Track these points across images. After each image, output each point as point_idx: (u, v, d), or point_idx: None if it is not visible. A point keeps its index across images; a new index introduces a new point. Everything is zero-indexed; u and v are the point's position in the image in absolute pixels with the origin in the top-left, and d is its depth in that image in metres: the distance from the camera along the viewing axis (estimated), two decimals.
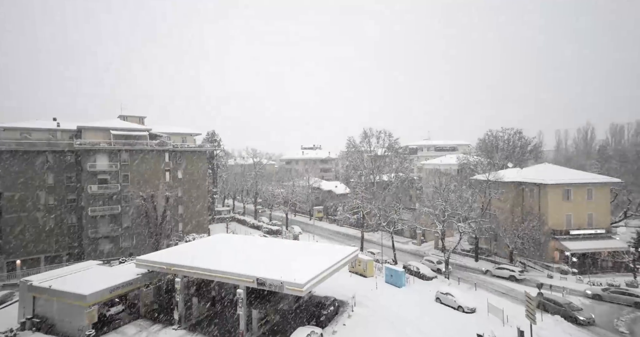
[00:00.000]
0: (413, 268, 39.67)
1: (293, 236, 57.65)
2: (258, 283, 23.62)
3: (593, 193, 43.49)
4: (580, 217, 42.94)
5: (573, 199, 43.07)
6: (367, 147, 60.29)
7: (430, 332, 25.63)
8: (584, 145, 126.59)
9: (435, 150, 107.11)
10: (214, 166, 76.43)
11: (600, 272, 40.55)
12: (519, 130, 65.82)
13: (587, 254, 41.70)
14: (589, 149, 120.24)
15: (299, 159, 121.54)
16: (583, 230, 42.55)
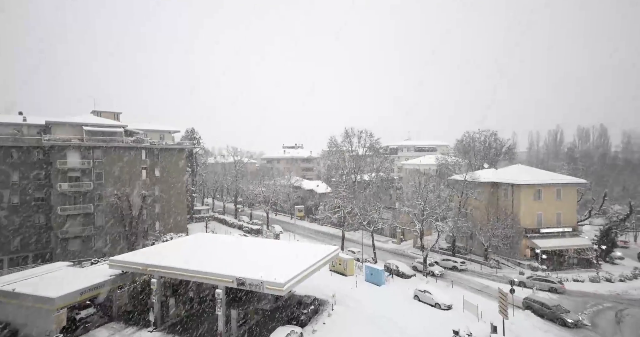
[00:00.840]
0: (393, 267, 40.28)
1: (274, 235, 57.28)
2: (238, 283, 23.30)
3: (561, 193, 45.66)
4: (549, 216, 44.97)
5: (543, 198, 45.05)
6: (349, 147, 60.72)
7: (408, 329, 26.10)
8: (554, 147, 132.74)
9: (415, 151, 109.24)
10: (193, 164, 74.75)
11: (567, 268, 42.61)
12: (494, 132, 68.17)
13: (556, 251, 43.75)
14: (558, 150, 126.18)
15: (281, 158, 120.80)
16: (552, 228, 44.61)
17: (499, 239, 42.72)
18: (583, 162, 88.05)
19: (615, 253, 46.95)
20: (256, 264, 26.02)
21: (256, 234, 58.80)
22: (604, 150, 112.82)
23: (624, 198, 60.17)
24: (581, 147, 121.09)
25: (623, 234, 54.12)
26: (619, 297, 34.53)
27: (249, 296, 30.63)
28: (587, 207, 54.62)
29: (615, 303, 32.88)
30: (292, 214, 78.31)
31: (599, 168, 77.29)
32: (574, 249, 44.12)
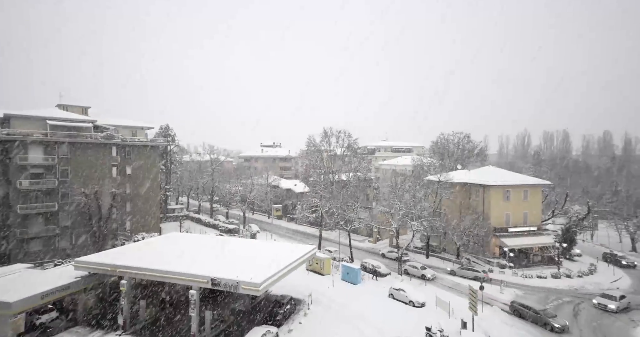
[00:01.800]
0: (369, 265, 40.88)
1: (250, 235, 56.60)
2: (213, 284, 22.87)
3: (528, 194, 48.05)
4: (517, 215, 47.21)
5: (511, 199, 47.22)
6: (327, 147, 60.96)
7: (383, 326, 26.59)
8: (522, 150, 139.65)
9: (392, 151, 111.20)
10: (168, 162, 72.45)
11: (532, 265, 44.91)
12: (467, 135, 70.60)
13: (522, 249, 46.00)
14: (525, 153, 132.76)
15: (258, 156, 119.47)
16: (519, 227, 46.84)
17: (470, 238, 44.36)
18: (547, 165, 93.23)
19: (575, 250, 49.99)
20: (232, 264, 25.63)
21: (232, 234, 57.84)
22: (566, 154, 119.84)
23: (583, 199, 64.13)
24: (546, 150, 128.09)
25: (581, 232, 57.70)
26: (576, 292, 36.85)
27: (224, 297, 30.13)
28: (550, 207, 57.81)
29: (573, 297, 35.07)
30: (269, 214, 77.66)
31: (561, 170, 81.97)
32: (538, 247, 46.56)
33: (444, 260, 46.90)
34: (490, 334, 26.31)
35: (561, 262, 44.56)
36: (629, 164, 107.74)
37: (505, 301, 33.06)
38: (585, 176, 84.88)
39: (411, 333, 25.42)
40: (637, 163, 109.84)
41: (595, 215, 62.89)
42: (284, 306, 27.74)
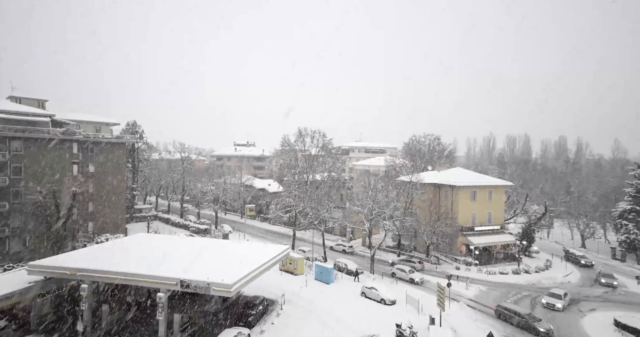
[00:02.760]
0: (342, 265, 41.28)
1: (222, 235, 55.42)
2: (182, 286, 22.16)
3: (493, 194, 50.57)
4: (482, 215, 49.54)
5: (478, 199, 49.49)
6: (302, 146, 60.86)
7: (355, 325, 26.97)
8: (487, 152, 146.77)
9: (365, 152, 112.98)
10: (135, 160, 69.27)
11: (495, 262, 47.31)
12: (437, 137, 73.15)
13: (486, 247, 48.33)
14: (490, 155, 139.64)
15: (232, 155, 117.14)
16: (484, 226, 49.19)
17: (439, 237, 46.00)
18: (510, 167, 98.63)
19: (533, 247, 53.24)
20: (203, 265, 24.96)
21: (204, 234, 56.33)
22: (526, 157, 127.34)
23: (541, 199, 68.47)
24: (509, 153, 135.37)
25: (539, 230, 61.59)
26: (534, 286, 39.32)
27: (195, 299, 29.29)
28: (512, 207, 61.23)
29: (531, 292, 37.36)
30: (242, 214, 76.36)
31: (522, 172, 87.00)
32: (501, 245, 49.14)
33: (415, 259, 48.26)
34: (456, 328, 27.43)
35: (521, 259, 47.27)
36: (581, 167, 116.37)
37: (471, 297, 34.63)
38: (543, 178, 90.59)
39: (382, 330, 25.95)
40: (587, 166, 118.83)
41: (551, 214, 67.39)
42: (257, 306, 27.42)
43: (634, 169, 58.09)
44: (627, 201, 56.62)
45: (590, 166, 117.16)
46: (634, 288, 40.70)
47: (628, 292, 39.48)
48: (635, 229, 53.45)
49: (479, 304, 33.29)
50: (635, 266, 51.23)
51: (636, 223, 53.62)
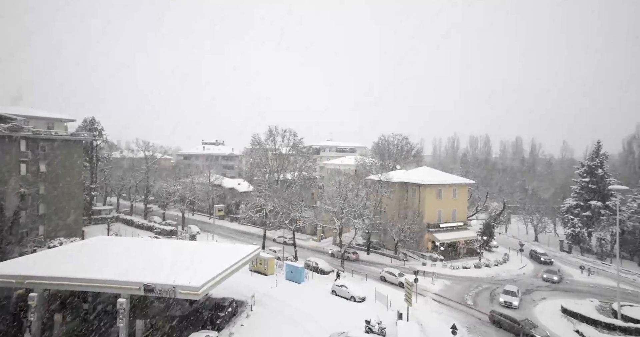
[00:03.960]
0: (312, 264, 41.43)
1: (190, 236, 53.63)
2: (146, 290, 21.20)
3: (457, 192, 53.00)
4: (447, 212, 51.78)
5: (443, 197, 51.64)
6: (272, 145, 60.36)
7: (325, 323, 27.20)
8: (452, 152, 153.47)
9: (336, 151, 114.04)
10: (93, 159, 65.12)
11: (459, 257, 49.64)
12: (405, 137, 75.34)
13: (451, 243, 50.61)
14: (455, 155, 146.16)
15: (200, 154, 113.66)
16: (449, 223, 51.45)
17: (407, 234, 47.49)
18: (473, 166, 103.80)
19: (493, 242, 56.49)
20: (168, 267, 24.04)
21: (170, 236, 54.18)
22: (487, 156, 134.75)
23: (500, 196, 72.73)
24: (472, 153, 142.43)
25: (498, 226, 65.43)
26: (493, 279, 41.77)
27: (160, 303, 28.13)
28: (474, 204, 64.53)
29: (490, 284, 39.65)
30: (211, 214, 74.29)
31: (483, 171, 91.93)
32: (464, 240, 51.66)
33: (384, 256, 49.52)
34: (422, 322, 28.52)
35: (482, 254, 49.97)
36: (535, 166, 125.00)
37: (436, 291, 36.08)
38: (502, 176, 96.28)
39: (352, 327, 26.36)
40: (540, 165, 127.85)
41: (508, 210, 71.79)
42: (225, 308, 26.85)
43: (579, 168, 63.31)
44: (573, 198, 61.61)
45: (543, 165, 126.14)
46: (578, 277, 44.51)
47: (573, 281, 43.12)
48: (579, 223, 58.34)
49: (444, 298, 34.81)
50: (579, 257, 55.98)
51: (581, 218, 58.52)
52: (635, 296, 38.03)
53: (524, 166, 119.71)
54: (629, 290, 39.90)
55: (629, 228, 53.30)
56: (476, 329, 28.21)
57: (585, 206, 58.42)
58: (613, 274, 43.68)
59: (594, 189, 58.76)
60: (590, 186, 59.05)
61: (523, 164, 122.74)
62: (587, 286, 41.33)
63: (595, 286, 41.38)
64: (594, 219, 57.29)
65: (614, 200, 53.41)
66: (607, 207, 56.76)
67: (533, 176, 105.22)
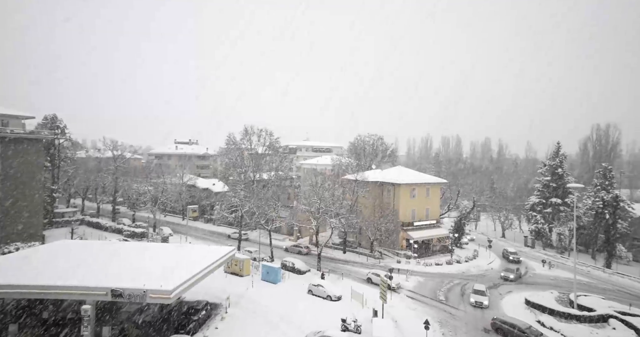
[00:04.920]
0: (289, 264, 41.28)
1: (162, 239, 51.86)
2: (113, 295, 20.29)
3: (430, 191, 54.63)
4: (421, 211, 53.26)
5: (417, 196, 53.06)
6: (248, 145, 59.54)
7: (301, 322, 27.20)
8: (425, 152, 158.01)
9: (313, 151, 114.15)
10: (55, 158, 61.42)
11: (432, 254, 51.22)
12: (381, 137, 76.63)
13: (424, 241, 52.09)
14: (428, 155, 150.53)
15: (172, 154, 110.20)
16: (422, 221, 52.95)
17: (383, 233, 48.38)
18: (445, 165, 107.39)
19: (464, 239, 58.76)
20: (138, 271, 23.14)
21: (140, 238, 52.09)
22: (458, 156, 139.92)
23: (470, 195, 75.65)
24: (444, 152, 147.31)
25: (468, 223, 68.16)
26: (464, 274, 43.46)
27: (128, 308, 27.00)
28: (446, 202, 66.79)
29: (461, 280, 41.23)
30: (184, 215, 72.18)
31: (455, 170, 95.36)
32: (437, 238, 53.36)
33: (360, 254, 50.19)
34: (396, 319, 29.19)
35: (453, 250, 51.85)
36: (502, 165, 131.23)
37: (410, 288, 37.01)
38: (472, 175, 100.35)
39: (329, 326, 26.53)
40: (507, 164, 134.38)
41: (478, 208, 74.93)
42: (199, 312, 26.22)
43: (541, 167, 67.15)
44: (536, 195, 65.27)
45: (509, 165, 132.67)
46: (540, 271, 47.30)
47: (536, 274, 45.75)
48: (542, 220, 61.89)
49: (418, 294, 35.80)
50: (542, 252, 59.42)
51: (543, 214, 62.09)
52: (590, 287, 40.94)
53: (492, 166, 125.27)
54: (584, 281, 42.88)
55: (584, 223, 57.21)
56: (448, 324, 29.24)
57: (546, 203, 62.02)
58: (571, 266, 46.63)
59: (554, 187, 62.48)
60: (551, 184, 62.75)
61: (491, 163, 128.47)
62: (548, 278, 43.96)
63: (555, 278, 44.10)
64: (554, 216, 60.96)
65: (572, 197, 57.13)
66: (566, 204, 60.59)
67: (500, 175, 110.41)
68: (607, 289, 40.60)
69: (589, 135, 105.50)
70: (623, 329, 28.55)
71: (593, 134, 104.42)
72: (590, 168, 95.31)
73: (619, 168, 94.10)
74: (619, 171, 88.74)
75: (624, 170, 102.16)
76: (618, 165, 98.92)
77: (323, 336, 23.73)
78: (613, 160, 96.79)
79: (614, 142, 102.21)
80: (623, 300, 35.50)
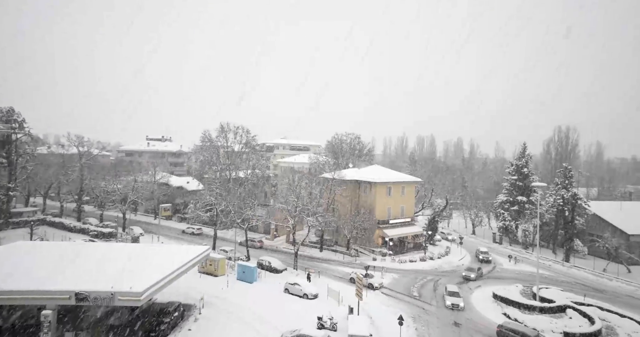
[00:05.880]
0: (265, 263, 40.88)
1: (132, 239, 49.83)
2: (78, 299, 19.28)
3: (405, 190, 55.83)
4: (396, 209, 54.33)
5: (392, 194, 54.07)
6: (224, 142, 58.33)
7: (277, 322, 27.02)
8: (401, 151, 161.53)
9: (290, 149, 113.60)
10: (12, 154, 57.36)
11: (406, 251, 52.43)
12: (358, 136, 77.53)
13: (400, 238, 53.22)
14: (404, 154, 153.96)
15: (144, 151, 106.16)
16: (397, 219, 54.03)
17: (359, 231, 48.93)
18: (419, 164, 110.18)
19: (436, 236, 60.61)
20: (106, 273, 22.13)
21: (108, 239, 49.82)
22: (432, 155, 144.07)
23: (443, 193, 78.16)
24: (419, 152, 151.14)
25: (441, 221, 70.35)
26: (436, 271, 44.84)
27: (95, 312, 25.72)
28: (421, 201, 68.57)
29: (434, 276, 42.53)
30: (156, 214, 69.67)
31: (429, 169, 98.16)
32: (411, 235, 54.67)
33: (336, 252, 50.53)
34: (372, 315, 29.66)
35: (427, 247, 53.35)
36: (473, 165, 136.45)
37: (385, 285, 37.66)
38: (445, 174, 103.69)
39: (305, 324, 26.52)
40: (478, 164, 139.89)
41: (450, 206, 77.50)
42: (171, 313, 25.43)
43: (509, 166, 70.37)
44: (504, 194, 68.26)
45: (480, 164, 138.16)
46: (507, 265, 49.71)
47: (503, 269, 48.02)
48: (509, 217, 64.91)
49: (393, 291, 36.54)
50: (509, 247, 62.38)
51: (510, 212, 65.10)
52: (551, 280, 43.49)
53: (464, 165, 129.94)
54: (546, 274, 45.48)
55: (547, 220, 60.60)
56: (421, 319, 30.06)
57: (513, 201, 65.05)
58: (534, 261, 49.26)
59: (520, 186, 65.64)
60: (517, 183, 65.87)
61: (463, 163, 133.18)
62: (514, 273, 46.26)
63: (520, 272, 46.48)
64: (520, 213, 64.11)
65: (536, 195, 60.14)
66: (531, 202, 63.82)
67: (472, 174, 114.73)
68: (565, 282, 43.26)
69: (552, 136, 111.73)
70: (578, 318, 30.57)
71: (555, 136, 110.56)
72: (552, 168, 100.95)
73: (577, 168, 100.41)
74: (577, 170, 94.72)
75: (581, 170, 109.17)
76: (576, 165, 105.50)
77: (299, 334, 23.70)
78: (572, 160, 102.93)
79: (573, 144, 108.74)
80: (579, 291, 38.01)
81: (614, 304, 34.60)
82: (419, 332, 27.55)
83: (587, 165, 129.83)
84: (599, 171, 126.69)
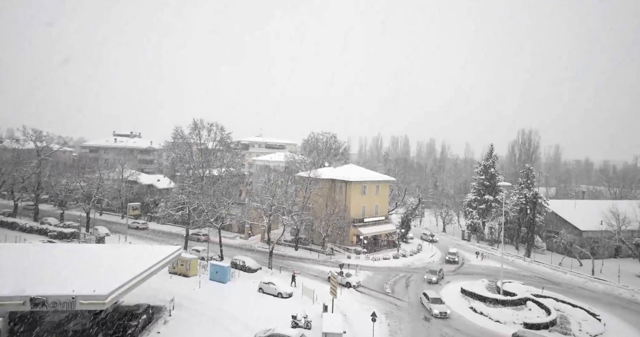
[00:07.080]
0: (239, 262, 40.21)
1: (96, 239, 47.30)
2: (33, 304, 18.05)
3: (379, 189, 56.83)
4: (370, 207, 55.19)
5: (367, 193, 54.86)
6: (197, 140, 56.64)
7: (251, 322, 26.68)
8: (376, 150, 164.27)
9: (266, 147, 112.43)
10: None
11: (380, 249, 53.41)
12: (334, 135, 77.93)
13: (374, 236, 54.13)
14: (379, 154, 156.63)
15: (110, 147, 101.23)
16: (372, 218, 54.92)
17: (334, 229, 49.25)
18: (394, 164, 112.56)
19: (409, 234, 62.22)
20: (66, 275, 20.83)
21: (70, 240, 47.00)
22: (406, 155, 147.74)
23: (416, 192, 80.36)
24: (393, 151, 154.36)
25: (414, 219, 72.27)
26: (408, 268, 46.06)
27: (53, 318, 24.20)
28: (394, 200, 70.06)
29: (406, 273, 43.66)
30: (124, 213, 66.57)
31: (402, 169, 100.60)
32: (385, 233, 55.76)
33: (312, 251, 50.60)
34: (346, 312, 29.99)
35: (400, 245, 54.64)
36: (445, 165, 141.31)
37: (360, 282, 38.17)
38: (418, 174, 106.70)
39: (279, 323, 26.34)
40: (449, 164, 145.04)
41: (423, 205, 79.78)
42: (139, 316, 24.43)
43: (477, 167, 73.49)
44: (472, 193, 71.24)
45: (451, 164, 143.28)
46: (474, 262, 51.97)
47: (471, 265, 50.15)
48: (477, 215, 67.83)
49: (366, 288, 37.12)
50: (476, 244, 65.22)
51: (478, 210, 68.05)
52: (513, 274, 45.95)
53: (435, 165, 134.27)
54: (509, 269, 47.99)
55: (511, 218, 63.93)
56: (393, 315, 30.75)
57: (481, 199, 68.01)
58: (499, 257, 51.81)
59: (487, 186, 68.75)
60: (485, 182, 68.92)
61: (435, 163, 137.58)
62: (481, 268, 48.42)
63: (486, 268, 48.72)
64: (487, 211, 67.17)
65: (502, 194, 63.33)
66: (497, 201, 67.02)
67: (443, 174, 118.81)
68: (526, 276, 45.86)
69: (516, 138, 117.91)
70: (537, 309, 32.63)
71: (519, 138, 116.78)
72: (516, 169, 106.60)
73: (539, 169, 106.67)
74: (539, 171, 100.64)
75: (542, 170, 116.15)
76: (538, 166, 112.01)
77: (273, 334, 23.52)
78: (534, 161, 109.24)
79: (535, 146, 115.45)
80: (538, 284, 40.37)
81: (567, 295, 37.10)
82: (391, 328, 28.17)
83: (547, 167, 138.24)
84: (557, 172, 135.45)
